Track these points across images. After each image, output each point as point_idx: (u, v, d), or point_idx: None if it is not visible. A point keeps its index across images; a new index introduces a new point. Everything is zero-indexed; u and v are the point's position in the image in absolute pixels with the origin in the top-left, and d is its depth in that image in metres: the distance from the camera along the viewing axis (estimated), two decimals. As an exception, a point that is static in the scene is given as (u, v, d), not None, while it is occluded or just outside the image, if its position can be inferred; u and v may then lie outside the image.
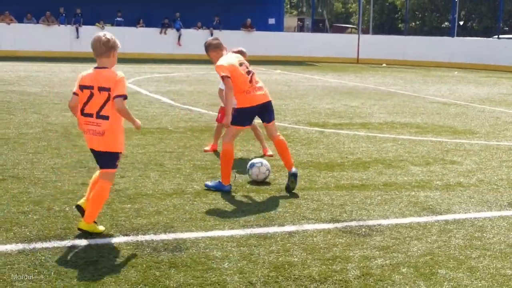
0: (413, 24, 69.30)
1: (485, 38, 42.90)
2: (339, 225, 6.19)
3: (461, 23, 59.80)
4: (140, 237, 5.62)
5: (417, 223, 6.34)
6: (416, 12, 69.03)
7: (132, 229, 5.82)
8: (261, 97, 7.44)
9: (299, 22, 68.46)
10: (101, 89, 5.47)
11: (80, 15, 34.16)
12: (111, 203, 6.60)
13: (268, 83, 21.55)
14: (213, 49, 7.59)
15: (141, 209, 6.45)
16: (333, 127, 12.48)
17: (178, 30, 35.60)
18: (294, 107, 15.47)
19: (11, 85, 18.44)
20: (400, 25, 66.61)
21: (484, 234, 6.06)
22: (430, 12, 67.59)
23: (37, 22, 34.19)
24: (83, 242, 5.46)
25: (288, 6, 78.10)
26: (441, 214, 6.70)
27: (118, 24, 35.57)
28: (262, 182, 7.71)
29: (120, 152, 5.73)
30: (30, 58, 30.46)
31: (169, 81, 21.24)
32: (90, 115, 5.55)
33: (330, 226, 6.16)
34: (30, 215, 6.12)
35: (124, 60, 31.45)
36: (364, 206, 6.87)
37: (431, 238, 5.88)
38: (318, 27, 58.06)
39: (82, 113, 5.60)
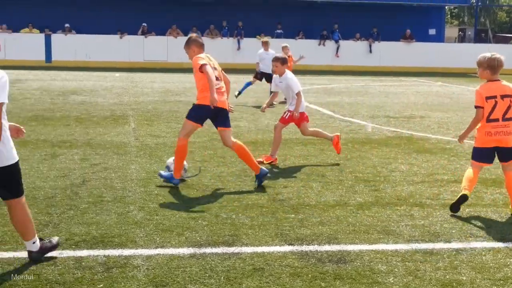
0: None
1: None
2: (509, 244, 5.94)
3: None
4: (305, 247, 5.70)
5: None
6: None
7: (297, 239, 5.91)
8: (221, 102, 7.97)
9: (460, 33, 66.22)
10: (503, 96, 6.68)
11: (241, 27, 35.25)
12: (275, 212, 6.75)
13: (429, 95, 21.04)
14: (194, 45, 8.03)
15: (305, 220, 6.53)
16: (500, 141, 11.96)
17: (336, 41, 35.70)
18: (457, 120, 15.02)
19: (178, 95, 19.33)
20: None
21: None
22: None
23: (202, 35, 35.63)
24: (249, 249, 5.62)
25: (449, 16, 75.83)
26: None
27: (278, 36, 36.22)
28: (426, 198, 7.55)
29: None
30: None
31: (328, 93, 21.33)
32: (496, 120, 6.69)
33: (500, 245, 5.92)
34: (199, 221, 6.39)
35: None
36: (537, 226, 6.54)
37: None
38: (480, 37, 55.85)
39: (487, 120, 6.71)
